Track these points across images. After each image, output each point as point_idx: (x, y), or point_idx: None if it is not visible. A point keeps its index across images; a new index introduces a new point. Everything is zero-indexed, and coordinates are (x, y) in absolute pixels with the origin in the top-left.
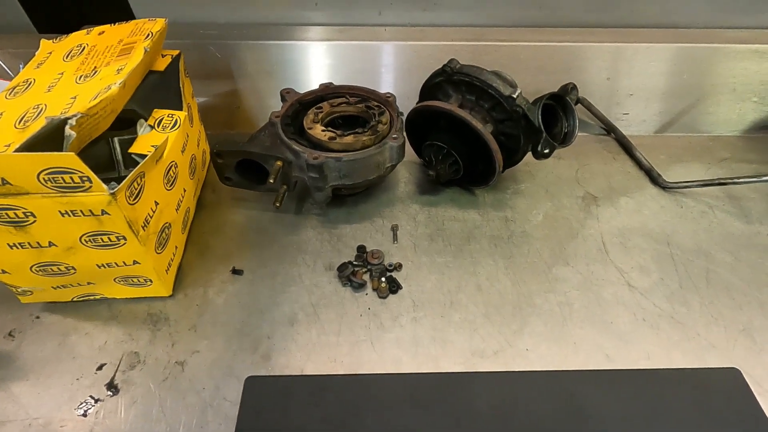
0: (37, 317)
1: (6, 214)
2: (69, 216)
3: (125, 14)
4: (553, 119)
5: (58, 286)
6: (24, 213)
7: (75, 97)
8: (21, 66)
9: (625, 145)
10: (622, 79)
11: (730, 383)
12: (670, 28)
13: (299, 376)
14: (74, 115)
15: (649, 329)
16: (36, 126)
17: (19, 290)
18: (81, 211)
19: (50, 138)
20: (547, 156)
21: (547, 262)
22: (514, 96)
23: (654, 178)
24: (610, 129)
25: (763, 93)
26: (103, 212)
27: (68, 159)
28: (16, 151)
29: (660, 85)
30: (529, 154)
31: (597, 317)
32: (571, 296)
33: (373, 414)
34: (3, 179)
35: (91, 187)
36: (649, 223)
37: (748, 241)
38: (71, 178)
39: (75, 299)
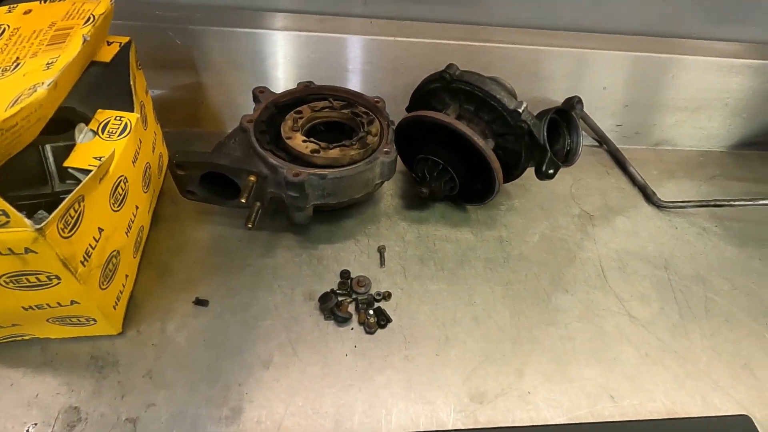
0: None
1: None
2: None
3: None
4: (556, 135)
5: None
6: None
7: None
8: None
9: (618, 159)
10: (619, 89)
11: (741, 431)
12: (666, 37)
13: None
14: None
15: (652, 366)
16: None
17: None
18: None
19: None
20: (551, 177)
21: (546, 289)
22: (520, 110)
23: (648, 196)
24: (602, 141)
25: (753, 108)
26: (28, 250)
27: None
28: None
29: (654, 96)
30: (529, 169)
31: (600, 354)
32: (573, 329)
33: None
34: None
35: (8, 222)
36: (647, 246)
37: (742, 267)
38: None
39: None
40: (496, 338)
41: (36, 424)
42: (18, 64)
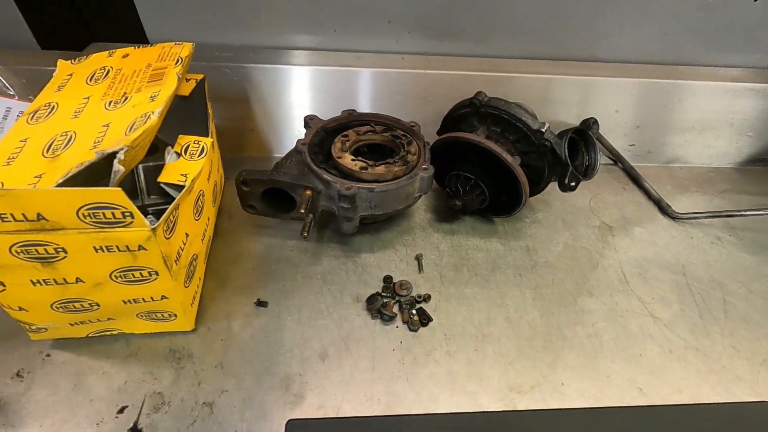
0: (48, 355)
1: (35, 250)
2: (103, 252)
3: (137, 33)
4: (575, 152)
5: (75, 323)
6: (55, 249)
7: (107, 125)
8: (23, 81)
9: (632, 176)
10: (630, 112)
11: (763, 417)
12: (671, 64)
13: (341, 419)
14: (122, 149)
15: (676, 362)
16: (71, 161)
17: (32, 327)
18: (117, 246)
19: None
20: (573, 188)
21: (572, 293)
22: (543, 130)
23: (663, 209)
24: (617, 159)
25: (758, 128)
26: (140, 248)
27: (114, 195)
28: (60, 185)
29: (664, 118)
30: (552, 184)
31: (626, 350)
32: (599, 328)
33: None
34: (39, 214)
35: (132, 222)
36: (664, 254)
37: (757, 273)
38: (112, 213)
39: (90, 335)
40: (528, 336)
41: (127, 407)
42: (126, 98)
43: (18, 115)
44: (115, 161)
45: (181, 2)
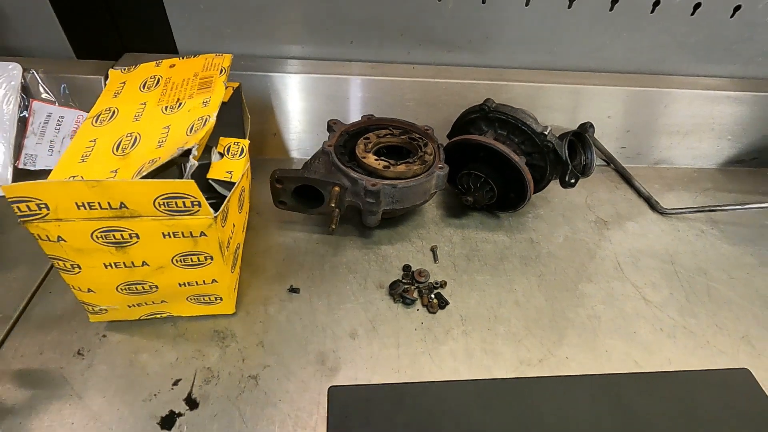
0: (104, 336)
1: (113, 235)
2: (169, 237)
3: (168, 44)
4: (573, 153)
5: (132, 305)
6: (129, 234)
7: (168, 127)
8: (62, 87)
9: (624, 176)
10: (620, 118)
11: (743, 381)
12: (658, 74)
13: (377, 385)
14: (194, 146)
15: (667, 338)
16: (140, 158)
17: (95, 309)
18: (182, 232)
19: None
20: (573, 185)
21: (573, 279)
22: (545, 133)
23: (653, 205)
24: (610, 160)
25: (736, 132)
26: (202, 234)
27: (188, 186)
28: (143, 177)
29: (651, 123)
30: (553, 182)
31: (622, 329)
32: (598, 310)
33: (449, 417)
34: (122, 203)
35: (199, 210)
36: (654, 245)
37: (737, 261)
38: (183, 203)
39: (142, 318)
40: (535, 317)
41: (180, 380)
42: (180, 104)
43: (59, 120)
44: (191, 156)
45: (211, 16)
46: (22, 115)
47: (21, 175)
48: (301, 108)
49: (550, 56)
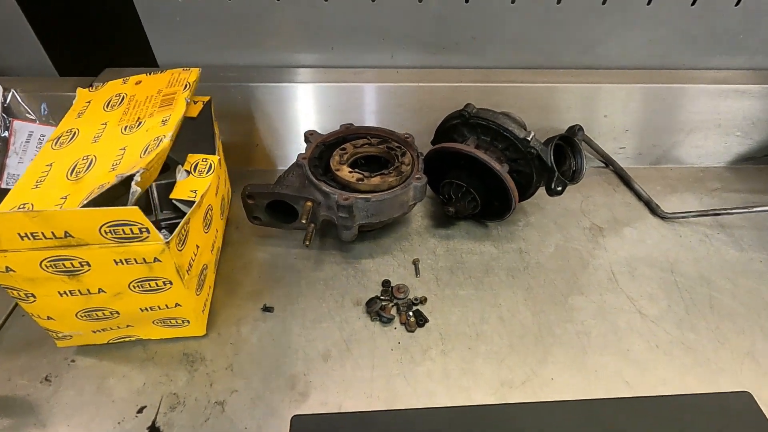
0: (72, 361)
1: (63, 264)
2: (122, 264)
3: (147, 58)
4: (562, 158)
5: (97, 330)
6: (80, 263)
7: (124, 149)
8: (43, 106)
9: (623, 177)
10: (618, 116)
11: (743, 406)
12: (658, 69)
13: (343, 414)
14: (138, 171)
15: (663, 356)
16: (93, 182)
17: (59, 335)
18: (134, 259)
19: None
20: (560, 193)
21: (563, 292)
22: (528, 139)
23: (653, 209)
24: (608, 162)
25: (745, 128)
26: (156, 260)
27: (132, 213)
28: (84, 206)
29: (652, 121)
30: (541, 189)
31: (614, 345)
32: (588, 325)
33: None
34: (66, 232)
35: (148, 237)
36: (653, 253)
37: (743, 268)
38: (131, 229)
39: (110, 341)
40: (520, 334)
41: (145, 407)
42: (140, 123)
43: (39, 139)
44: (133, 183)
45: (188, 28)
46: (3, 135)
47: (4, 194)
48: (284, 118)
49: (541, 55)
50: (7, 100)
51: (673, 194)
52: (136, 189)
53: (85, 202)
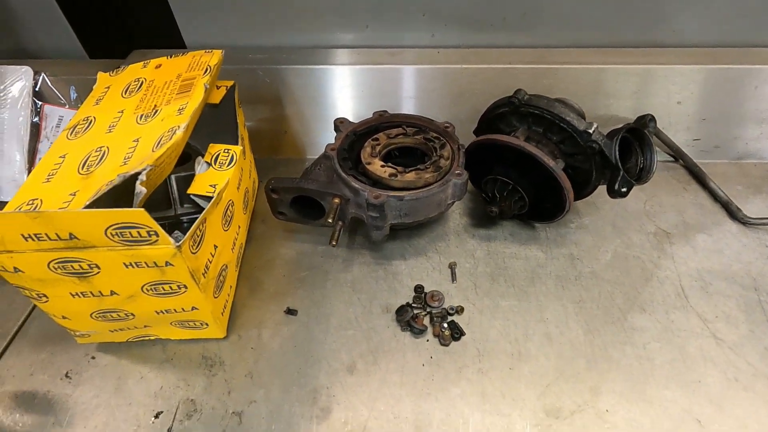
0: (93, 357)
1: (71, 266)
2: (133, 267)
3: (175, 40)
4: (628, 153)
5: (114, 330)
6: (89, 265)
7: (137, 140)
8: (72, 90)
9: (696, 174)
10: (694, 103)
11: None
12: (743, 47)
13: None
14: (144, 169)
15: (742, 391)
16: (102, 178)
17: (77, 333)
18: (145, 262)
19: (115, 189)
20: (624, 195)
21: (621, 308)
22: (590, 131)
23: (732, 213)
24: (678, 155)
25: None
26: (167, 263)
27: (138, 215)
28: (86, 207)
29: (734, 108)
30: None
31: (682, 375)
32: (651, 349)
33: None
34: (71, 234)
35: (157, 240)
36: (732, 265)
37: None
38: (138, 232)
39: (129, 340)
40: (570, 355)
41: (162, 412)
42: (156, 111)
43: None
44: (138, 183)
45: (215, 8)
46: (34, 120)
47: None
48: (314, 103)
49: (603, 32)
50: (38, 85)
51: (756, 195)
52: (141, 190)
53: (89, 202)
